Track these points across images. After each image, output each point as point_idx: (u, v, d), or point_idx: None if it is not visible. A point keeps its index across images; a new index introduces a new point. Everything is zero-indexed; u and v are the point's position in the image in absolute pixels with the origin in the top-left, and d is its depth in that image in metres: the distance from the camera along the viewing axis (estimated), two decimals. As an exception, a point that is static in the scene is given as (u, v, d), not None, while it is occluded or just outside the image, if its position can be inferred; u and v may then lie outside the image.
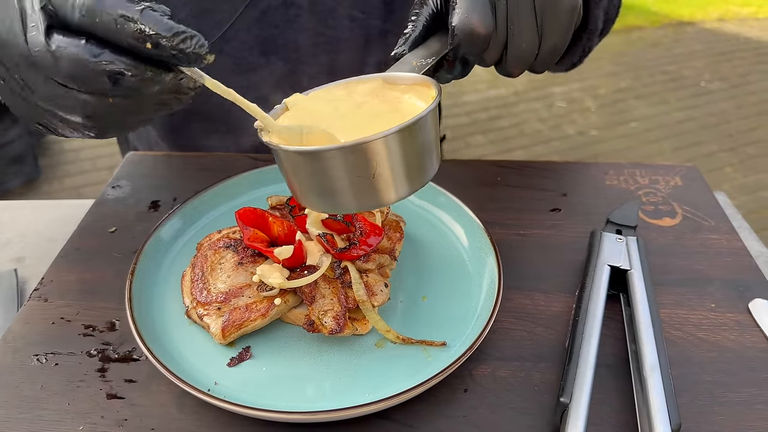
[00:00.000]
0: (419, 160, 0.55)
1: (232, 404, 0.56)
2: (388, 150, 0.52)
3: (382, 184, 0.54)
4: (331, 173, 0.52)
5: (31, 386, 0.63)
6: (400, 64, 0.63)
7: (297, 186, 0.57)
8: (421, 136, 0.54)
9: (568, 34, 0.66)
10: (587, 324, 0.65)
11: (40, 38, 0.49)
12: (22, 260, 0.85)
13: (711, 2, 6.20)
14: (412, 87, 0.61)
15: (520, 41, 0.64)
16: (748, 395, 0.63)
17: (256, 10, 0.97)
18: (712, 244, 0.83)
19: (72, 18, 0.49)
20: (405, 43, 0.65)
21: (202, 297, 0.67)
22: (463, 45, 0.62)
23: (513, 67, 0.66)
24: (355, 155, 0.51)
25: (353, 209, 0.58)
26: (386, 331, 0.66)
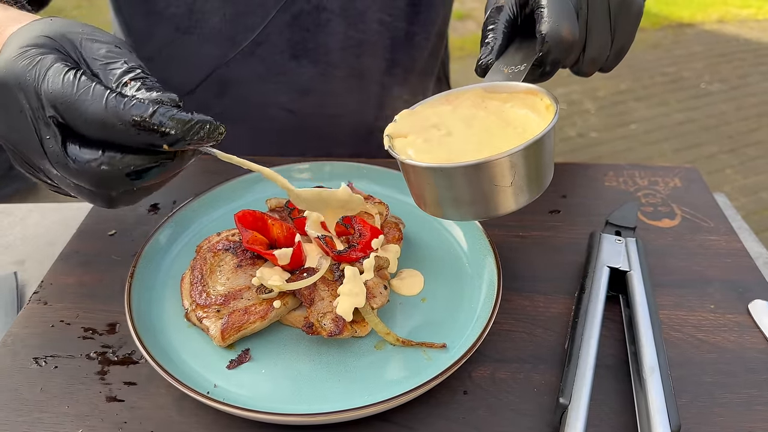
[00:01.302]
0: (542, 170, 0.59)
1: (231, 406, 0.56)
2: (520, 162, 0.55)
3: (508, 193, 0.57)
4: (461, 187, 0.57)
5: (31, 389, 0.63)
6: (492, 73, 0.66)
7: (426, 197, 0.60)
8: (547, 147, 0.57)
9: (633, 34, 0.72)
10: (587, 325, 0.65)
11: (57, 150, 0.51)
12: (21, 263, 0.85)
13: (711, 4, 6.20)
14: (513, 95, 0.63)
15: (597, 44, 0.69)
16: (748, 396, 0.63)
17: (287, 15, 0.97)
18: (711, 245, 0.83)
19: (85, 130, 0.50)
20: (491, 52, 0.68)
21: (202, 299, 0.67)
22: (552, 52, 0.65)
23: (588, 68, 0.72)
24: (489, 170, 0.55)
25: (476, 217, 0.62)
26: (386, 333, 0.66)
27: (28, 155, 0.54)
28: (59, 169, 0.52)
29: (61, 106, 0.49)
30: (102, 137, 0.50)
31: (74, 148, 0.51)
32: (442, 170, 0.56)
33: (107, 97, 0.49)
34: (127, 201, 0.57)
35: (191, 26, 0.99)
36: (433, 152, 0.60)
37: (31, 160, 0.54)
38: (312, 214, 0.74)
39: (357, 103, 1.09)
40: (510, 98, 0.63)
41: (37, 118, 0.51)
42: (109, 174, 0.51)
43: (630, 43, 0.72)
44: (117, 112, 0.48)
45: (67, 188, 0.55)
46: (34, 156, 0.53)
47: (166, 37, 1.01)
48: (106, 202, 0.56)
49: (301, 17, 0.98)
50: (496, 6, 0.71)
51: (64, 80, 0.49)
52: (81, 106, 0.49)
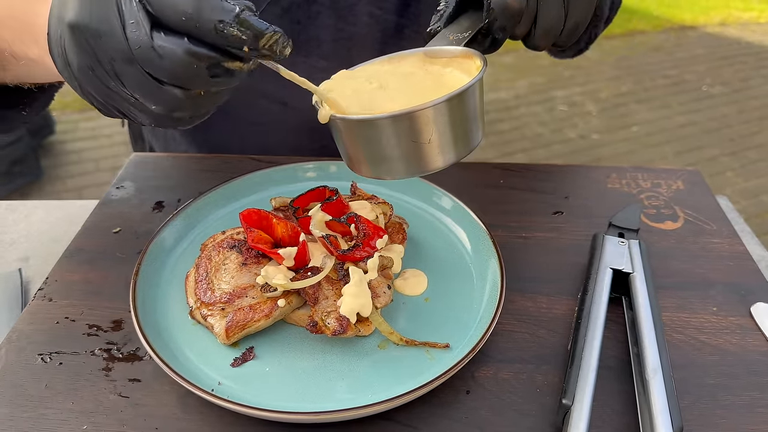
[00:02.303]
0: (467, 127, 0.58)
1: (235, 404, 0.57)
2: (442, 116, 0.55)
3: (433, 150, 0.56)
4: (388, 140, 0.56)
5: (36, 385, 0.63)
6: (437, 39, 0.66)
7: (351, 153, 0.60)
8: (470, 103, 0.57)
9: (590, 10, 0.71)
10: (589, 326, 0.66)
11: (143, 36, 0.49)
12: (26, 260, 0.86)
13: (713, 7, 6.20)
14: (453, 60, 0.64)
15: (549, 16, 0.68)
16: (750, 399, 0.63)
17: (278, 7, 0.98)
18: (713, 247, 0.83)
19: (172, 21, 0.49)
20: (440, 19, 0.68)
21: (206, 297, 0.68)
22: (498, 19, 0.65)
23: (540, 41, 0.71)
24: (410, 122, 0.54)
25: (403, 175, 0.60)
26: (389, 332, 0.66)
27: (105, 47, 0.51)
28: (139, 58, 0.50)
29: None
30: (187, 30, 0.49)
31: (159, 35, 0.49)
32: (360, 123, 0.56)
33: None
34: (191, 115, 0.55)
35: None
36: (360, 102, 0.59)
37: (107, 52, 0.51)
38: (317, 214, 0.74)
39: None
40: (449, 63, 0.64)
41: (124, 2, 0.49)
42: (192, 68, 0.50)
43: (586, 19, 0.71)
44: (206, 6, 0.48)
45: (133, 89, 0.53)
46: (112, 45, 0.50)
47: None
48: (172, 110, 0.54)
49: (292, 10, 0.99)
50: None
51: None
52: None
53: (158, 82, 0.51)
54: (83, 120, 3.76)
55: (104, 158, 3.43)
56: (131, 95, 0.53)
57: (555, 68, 4.61)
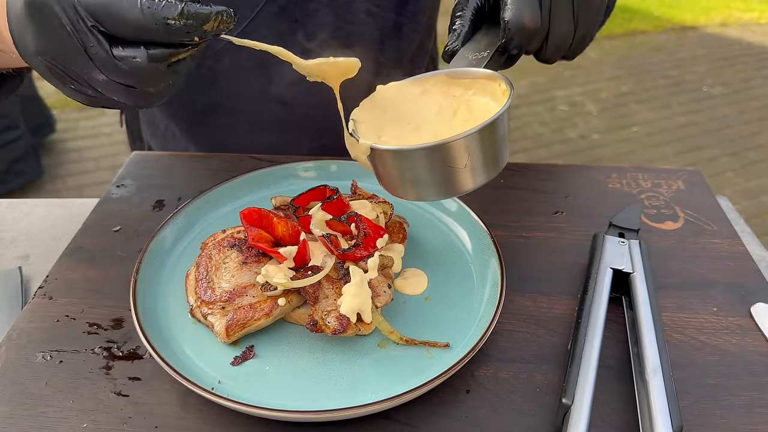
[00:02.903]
0: (497, 150, 0.61)
1: (235, 403, 0.57)
2: (476, 143, 0.58)
3: (466, 174, 0.60)
4: (424, 168, 0.60)
5: (36, 383, 0.63)
6: (457, 59, 0.68)
7: (391, 179, 0.64)
8: (500, 129, 0.60)
9: (597, 24, 0.73)
10: (589, 326, 0.66)
11: (104, 54, 0.54)
12: (26, 258, 0.86)
13: (714, 7, 6.20)
14: (475, 81, 0.66)
15: (560, 32, 0.70)
16: (750, 399, 0.63)
17: (275, 5, 0.98)
18: (714, 248, 0.83)
19: (126, 34, 0.54)
20: (457, 39, 0.70)
21: (207, 296, 0.68)
22: (515, 38, 0.67)
23: (551, 55, 0.73)
24: (447, 151, 0.58)
25: (439, 197, 0.65)
26: (389, 332, 0.66)
27: (73, 67, 0.56)
28: (106, 72, 0.56)
29: (101, 15, 0.53)
30: (140, 38, 0.54)
31: (118, 49, 0.54)
32: (400, 152, 0.60)
33: (140, 2, 0.53)
34: (163, 94, 0.61)
35: None
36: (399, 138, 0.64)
37: (76, 71, 0.57)
38: (317, 213, 0.74)
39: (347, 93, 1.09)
40: (472, 84, 0.66)
41: (79, 30, 0.54)
42: (153, 68, 0.55)
43: (593, 31, 0.73)
44: (153, 14, 0.52)
45: (110, 93, 0.58)
46: (78, 66, 0.56)
47: None
48: (145, 99, 0.60)
49: (289, 8, 0.99)
50: None
51: None
52: (118, 12, 0.53)
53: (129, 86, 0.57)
54: (83, 119, 3.76)
55: (105, 157, 3.44)
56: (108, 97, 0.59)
57: (556, 68, 4.60)
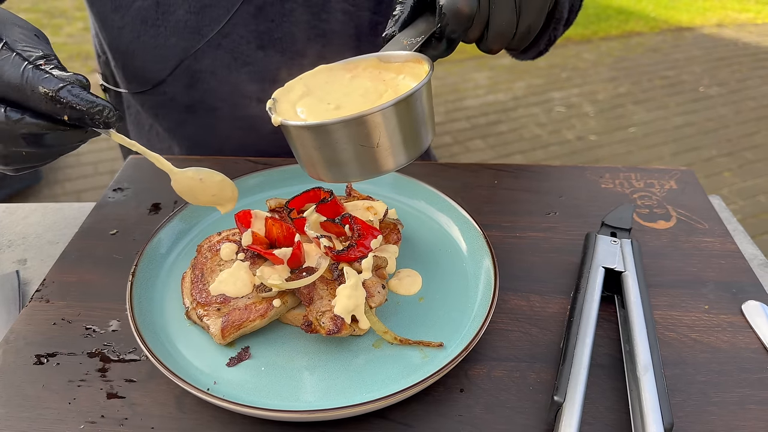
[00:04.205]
0: (415, 130, 0.60)
1: (231, 403, 0.57)
2: (389, 120, 0.56)
3: (383, 152, 0.58)
4: (337, 145, 0.57)
5: (33, 386, 0.64)
6: (392, 43, 0.68)
7: (306, 159, 0.61)
8: (417, 107, 0.58)
9: (542, 15, 0.72)
10: (582, 325, 0.66)
11: None
12: (23, 262, 0.86)
13: (710, 8, 6.22)
14: (405, 65, 0.65)
15: (500, 20, 0.69)
16: (741, 395, 0.63)
17: (252, 6, 0.99)
18: (705, 246, 0.84)
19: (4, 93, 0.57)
20: (395, 24, 0.69)
21: (202, 298, 0.68)
22: (450, 24, 0.66)
23: (493, 44, 0.72)
24: (359, 126, 0.56)
25: (358, 177, 0.62)
26: (384, 332, 0.67)
27: None
28: None
29: None
30: (10, 99, 0.57)
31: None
32: (309, 128, 0.57)
33: (25, 66, 0.56)
34: (18, 163, 0.62)
35: (158, 19, 1.01)
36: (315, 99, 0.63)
37: None
38: (312, 215, 0.75)
39: None
40: (402, 69, 0.65)
41: None
42: (8, 130, 0.57)
43: (538, 22, 0.72)
44: (32, 81, 0.55)
45: None
46: None
47: (134, 29, 1.03)
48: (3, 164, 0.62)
49: (266, 8, 1.00)
50: None
51: None
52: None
53: None
54: (82, 123, 3.76)
55: (102, 162, 3.44)
56: None
57: (552, 70, 4.62)
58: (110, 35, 1.07)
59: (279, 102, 0.64)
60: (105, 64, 1.19)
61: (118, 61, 1.10)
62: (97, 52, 1.21)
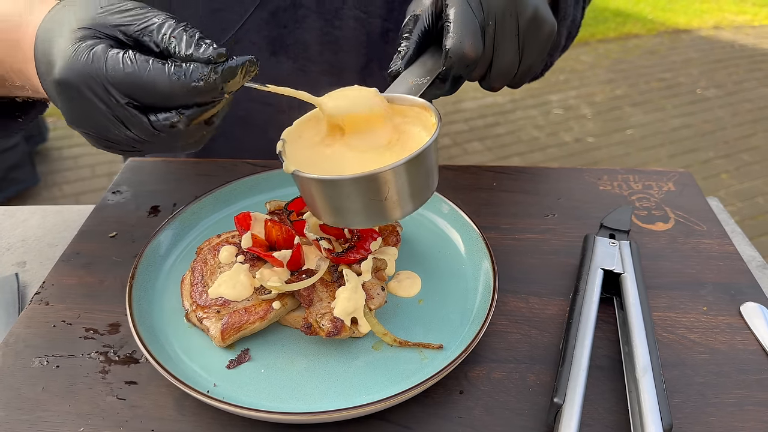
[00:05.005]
0: (423, 182, 0.61)
1: (230, 405, 0.57)
2: (399, 177, 0.58)
3: (391, 205, 0.59)
4: (347, 197, 0.59)
5: (33, 388, 0.64)
6: (398, 83, 0.68)
7: (311, 203, 0.62)
8: (425, 163, 0.60)
9: (544, 55, 0.74)
10: (581, 326, 0.66)
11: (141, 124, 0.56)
12: (23, 265, 0.86)
13: (707, 10, 6.24)
14: (411, 109, 0.66)
15: (503, 61, 0.70)
16: (739, 397, 0.64)
17: (265, 11, 0.99)
18: (704, 248, 0.84)
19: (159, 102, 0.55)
20: (401, 61, 0.70)
21: (202, 300, 0.68)
22: (455, 66, 0.67)
23: (495, 83, 0.73)
24: (369, 183, 0.57)
25: (363, 226, 0.66)
26: (383, 334, 0.67)
27: (109, 136, 0.58)
28: (146, 137, 0.57)
29: (132, 91, 0.54)
30: (173, 104, 0.55)
31: (155, 117, 0.56)
32: (322, 182, 0.59)
33: (168, 71, 0.54)
34: (203, 141, 0.62)
35: None
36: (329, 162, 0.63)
37: (115, 137, 0.58)
38: (311, 217, 0.75)
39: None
40: (408, 111, 0.66)
41: (113, 107, 0.55)
42: (192, 128, 0.57)
43: (540, 62, 0.74)
44: (182, 84, 0.53)
45: (149, 149, 0.60)
46: (115, 135, 0.58)
47: None
48: (184, 149, 0.62)
49: (278, 14, 1.00)
50: (413, 14, 0.73)
51: (124, 66, 0.54)
52: (149, 86, 0.54)
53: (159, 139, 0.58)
54: (80, 126, 3.76)
55: (100, 164, 3.44)
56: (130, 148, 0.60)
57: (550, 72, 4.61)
58: None
59: (288, 143, 0.64)
60: None
61: None
62: None
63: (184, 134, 0.57)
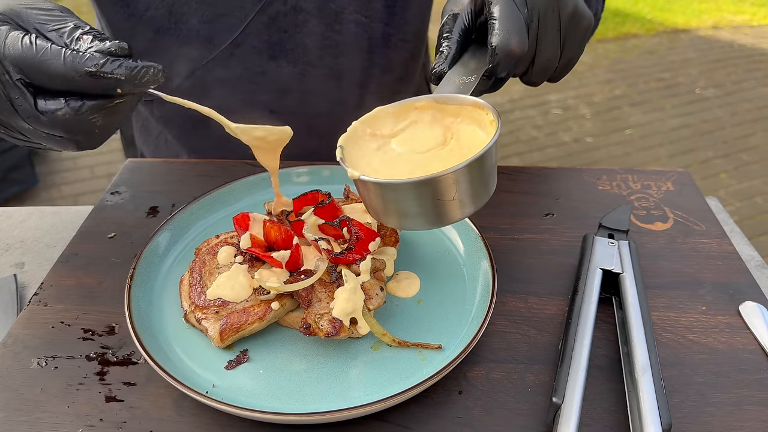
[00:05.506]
0: (485, 182, 0.62)
1: (229, 406, 0.57)
2: (462, 178, 0.58)
3: (454, 206, 0.60)
4: (411, 200, 0.60)
5: (31, 389, 0.64)
6: (444, 83, 0.68)
7: (375, 208, 0.64)
8: (488, 162, 0.60)
9: (582, 48, 0.74)
10: (580, 326, 0.66)
11: (28, 106, 0.58)
12: (21, 266, 0.86)
13: (705, 10, 6.25)
14: (463, 108, 0.66)
15: (546, 56, 0.71)
16: (738, 396, 0.64)
17: (265, 16, 0.99)
18: (703, 247, 0.84)
19: (50, 86, 0.57)
20: (445, 61, 0.70)
21: (201, 301, 0.68)
22: (502, 64, 0.67)
23: (536, 78, 0.74)
24: (434, 185, 0.58)
25: (427, 228, 0.65)
26: (382, 334, 0.67)
27: (1, 116, 0.60)
28: (31, 122, 0.59)
29: (26, 68, 0.56)
30: (65, 88, 0.57)
31: (42, 102, 0.58)
32: (388, 186, 0.60)
33: (64, 53, 0.56)
34: (92, 142, 0.63)
35: (170, 28, 1.01)
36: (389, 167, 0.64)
37: (4, 120, 0.60)
38: (310, 218, 0.75)
39: (336, 102, 1.10)
40: (460, 111, 0.66)
41: (4, 83, 0.57)
42: (76, 119, 0.58)
43: (578, 55, 0.75)
44: (74, 66, 0.55)
45: (38, 139, 0.62)
46: (6, 116, 0.60)
47: (146, 39, 1.03)
48: (74, 145, 0.63)
49: (279, 18, 1.00)
50: (452, 13, 0.73)
51: (23, 45, 0.56)
52: (42, 66, 0.56)
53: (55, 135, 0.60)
54: (78, 127, 3.76)
55: (99, 165, 3.44)
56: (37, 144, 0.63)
57: (549, 72, 4.62)
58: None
59: (347, 150, 0.65)
60: None
61: None
62: None
63: (70, 126, 0.59)
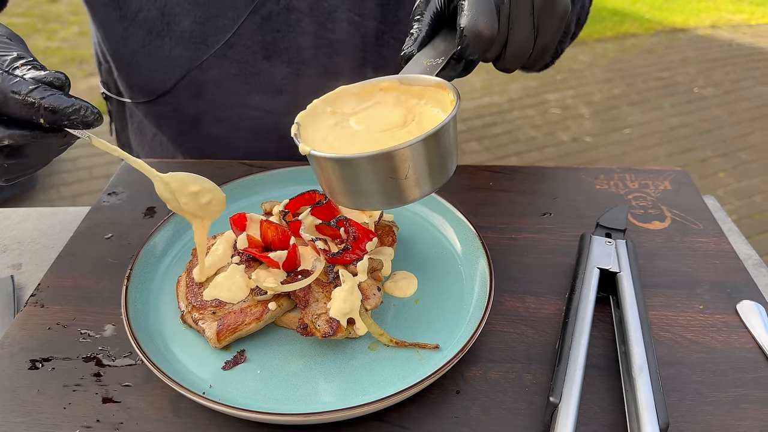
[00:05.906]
0: (442, 160, 0.60)
1: (226, 406, 0.57)
2: (417, 154, 0.56)
3: (409, 184, 0.58)
4: (364, 177, 0.57)
5: (28, 390, 0.64)
6: (411, 64, 0.67)
7: (328, 186, 0.61)
8: (445, 139, 0.58)
9: (558, 35, 0.72)
10: (577, 325, 0.66)
11: None
12: (18, 267, 0.86)
13: (704, 9, 6.25)
14: (426, 89, 0.64)
15: (519, 40, 0.69)
16: (736, 395, 0.64)
17: (258, 16, 0.99)
18: (700, 246, 0.84)
19: None
20: (414, 43, 0.69)
21: (198, 301, 0.68)
22: (470, 46, 0.65)
23: (510, 63, 0.72)
24: (388, 160, 0.56)
25: (381, 207, 0.63)
26: (379, 334, 0.67)
27: None
28: None
29: None
30: None
31: None
32: (339, 160, 0.57)
33: None
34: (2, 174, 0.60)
35: (163, 30, 1.01)
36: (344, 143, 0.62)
37: None
38: (307, 218, 0.75)
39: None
40: (424, 93, 0.65)
41: None
42: None
43: (555, 41, 0.72)
44: (2, 88, 0.53)
45: None
46: None
47: (139, 40, 1.02)
48: None
49: (272, 18, 1.00)
50: None
51: None
52: None
53: None
54: (77, 128, 3.75)
55: (97, 166, 3.43)
56: None
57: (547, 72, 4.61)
58: (114, 45, 1.06)
59: (303, 127, 0.63)
60: (107, 73, 1.18)
61: (122, 71, 1.10)
62: (98, 60, 1.20)
63: None
